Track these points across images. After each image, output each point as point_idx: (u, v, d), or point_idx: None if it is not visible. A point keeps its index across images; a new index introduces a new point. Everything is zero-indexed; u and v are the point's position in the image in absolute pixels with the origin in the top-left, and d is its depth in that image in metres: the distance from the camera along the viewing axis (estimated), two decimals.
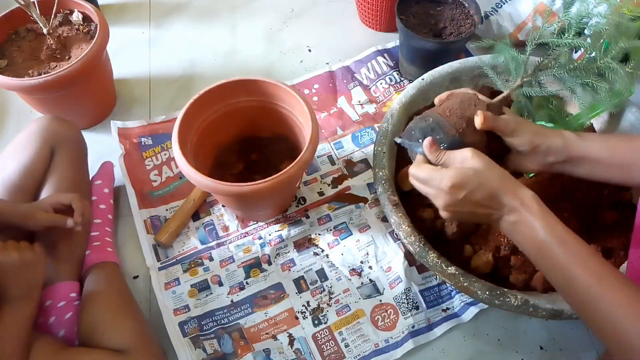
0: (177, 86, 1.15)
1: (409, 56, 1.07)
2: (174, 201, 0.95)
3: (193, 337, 0.80)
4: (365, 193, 0.96)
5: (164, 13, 1.30)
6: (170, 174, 0.99)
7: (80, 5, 1.00)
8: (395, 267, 0.86)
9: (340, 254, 0.89)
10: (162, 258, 0.89)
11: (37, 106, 0.99)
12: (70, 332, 0.74)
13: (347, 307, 0.84)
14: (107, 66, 1.05)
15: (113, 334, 0.71)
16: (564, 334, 0.82)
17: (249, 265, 0.88)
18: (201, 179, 0.72)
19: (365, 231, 0.91)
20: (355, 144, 1.03)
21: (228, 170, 0.94)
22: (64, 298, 0.75)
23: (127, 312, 0.76)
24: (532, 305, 0.66)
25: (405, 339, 0.80)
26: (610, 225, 0.78)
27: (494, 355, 0.81)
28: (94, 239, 0.85)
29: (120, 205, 0.96)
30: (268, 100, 0.87)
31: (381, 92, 1.12)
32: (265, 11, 1.30)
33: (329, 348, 0.80)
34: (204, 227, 0.92)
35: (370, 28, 1.26)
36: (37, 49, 0.96)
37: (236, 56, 1.21)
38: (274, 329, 0.82)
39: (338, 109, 1.09)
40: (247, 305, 0.84)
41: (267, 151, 0.96)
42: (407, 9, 1.06)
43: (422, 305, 0.83)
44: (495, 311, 0.83)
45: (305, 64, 1.19)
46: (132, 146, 1.01)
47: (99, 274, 0.80)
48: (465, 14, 1.06)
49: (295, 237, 0.91)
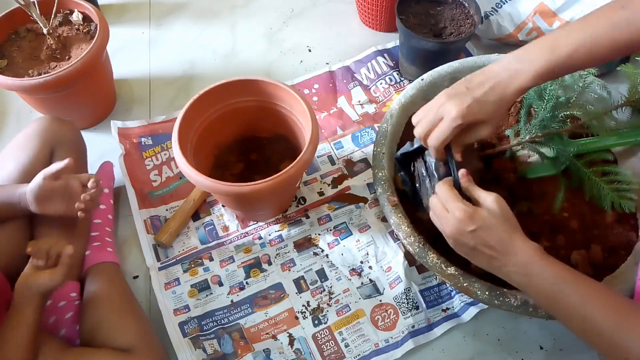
0: (177, 86, 1.15)
1: (409, 56, 1.07)
2: (174, 201, 0.95)
3: (193, 337, 0.80)
4: (365, 193, 0.96)
5: (164, 13, 1.30)
6: (170, 174, 0.99)
7: (80, 5, 1.00)
8: (395, 267, 0.86)
9: (340, 254, 0.89)
10: (162, 258, 0.89)
11: (37, 106, 0.99)
12: (71, 331, 0.74)
13: (347, 307, 0.84)
14: (107, 66, 1.05)
15: (117, 334, 0.71)
16: (564, 334, 0.82)
17: (249, 265, 0.88)
18: (201, 179, 0.72)
19: (365, 231, 0.91)
20: (355, 144, 1.03)
21: (228, 170, 0.94)
22: (64, 298, 0.75)
23: (130, 311, 0.76)
24: (532, 306, 0.66)
25: (405, 339, 0.80)
26: (611, 225, 0.78)
27: (494, 355, 0.81)
28: (94, 239, 0.85)
29: (120, 205, 0.96)
30: (268, 100, 0.87)
31: (381, 92, 1.12)
32: (265, 11, 1.30)
33: (329, 348, 0.80)
34: (204, 227, 0.92)
35: (370, 28, 1.26)
36: (37, 49, 0.96)
37: (236, 56, 1.21)
38: (274, 329, 0.82)
39: (338, 109, 1.09)
40: (247, 305, 0.84)
41: (267, 151, 0.96)
42: (407, 9, 1.06)
43: (422, 305, 0.83)
44: (495, 311, 0.83)
45: (305, 64, 1.19)
46: (132, 146, 1.01)
47: (100, 274, 0.80)
48: (465, 14, 1.06)
49: (295, 237, 0.91)
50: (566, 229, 0.77)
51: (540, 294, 0.55)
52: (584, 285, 0.53)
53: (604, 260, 0.74)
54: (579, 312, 0.52)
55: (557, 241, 0.76)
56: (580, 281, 0.53)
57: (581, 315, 0.51)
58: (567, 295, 0.52)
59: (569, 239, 0.76)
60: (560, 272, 0.54)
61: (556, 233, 0.77)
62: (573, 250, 0.75)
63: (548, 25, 1.11)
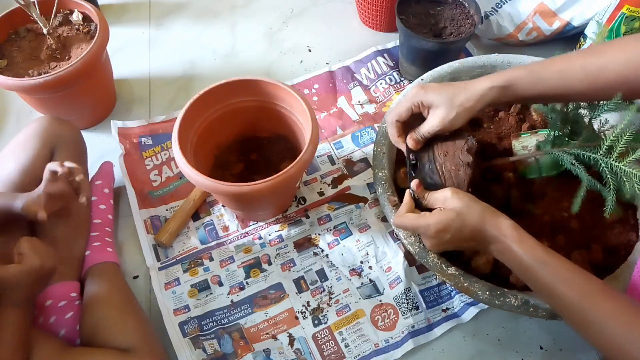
0: (177, 86, 1.15)
1: (409, 56, 1.07)
2: (174, 201, 0.95)
3: (193, 338, 0.80)
4: (365, 193, 0.96)
5: (164, 13, 1.30)
6: (170, 174, 0.99)
7: (80, 5, 1.00)
8: (395, 267, 0.86)
9: (340, 254, 0.89)
10: (162, 258, 0.89)
11: (37, 106, 0.99)
12: (71, 331, 0.74)
13: (347, 307, 0.84)
14: (107, 66, 1.05)
15: (117, 334, 0.71)
16: (564, 334, 0.82)
17: (249, 265, 0.88)
18: (201, 179, 0.72)
19: (365, 231, 0.91)
20: (355, 144, 1.03)
21: (228, 170, 0.94)
22: (64, 298, 0.75)
23: (130, 311, 0.76)
24: (532, 305, 0.66)
25: (405, 339, 0.80)
26: (610, 225, 0.78)
27: (494, 355, 0.81)
28: (94, 239, 0.85)
29: (120, 205, 0.96)
30: (268, 100, 0.87)
31: (381, 92, 1.12)
32: (265, 11, 1.30)
33: (329, 348, 0.80)
34: (204, 227, 0.92)
35: (370, 28, 1.26)
36: (37, 49, 0.96)
37: (236, 56, 1.21)
38: (274, 329, 0.82)
39: (338, 109, 1.09)
40: (247, 305, 0.84)
41: (267, 151, 0.96)
42: (407, 9, 1.06)
43: (422, 305, 0.83)
44: (495, 311, 0.83)
45: (305, 64, 1.19)
46: (132, 146, 1.01)
47: (100, 275, 0.80)
48: (465, 14, 1.06)
49: (295, 237, 0.91)
50: (566, 229, 0.77)
51: (517, 270, 0.58)
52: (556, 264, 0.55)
53: (604, 260, 0.74)
54: (550, 287, 0.55)
55: (557, 241, 0.76)
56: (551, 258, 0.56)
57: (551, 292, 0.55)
58: (540, 272, 0.55)
59: (569, 239, 0.76)
60: (532, 250, 0.56)
61: (556, 233, 0.77)
62: (573, 250, 0.75)
63: (548, 25, 1.11)
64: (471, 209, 0.59)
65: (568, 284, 0.53)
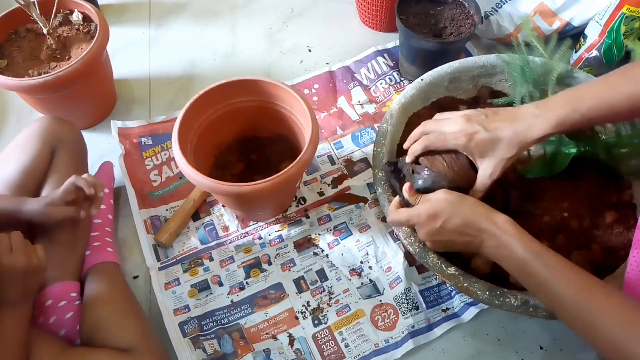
0: (177, 86, 1.15)
1: (409, 56, 1.07)
2: (174, 201, 0.95)
3: (193, 338, 0.80)
4: (365, 193, 0.96)
5: (164, 13, 1.30)
6: (170, 174, 0.99)
7: (80, 5, 1.00)
8: (395, 267, 0.86)
9: (340, 254, 0.89)
10: (162, 258, 0.89)
11: (37, 106, 0.99)
12: (71, 331, 0.74)
13: (347, 307, 0.84)
14: (107, 66, 1.05)
15: (117, 334, 0.71)
16: (564, 334, 0.82)
17: (249, 265, 0.88)
18: (201, 179, 0.72)
19: (365, 231, 0.91)
20: (355, 144, 1.03)
21: (228, 170, 0.94)
22: (64, 298, 0.75)
23: (131, 311, 0.76)
24: (532, 305, 0.66)
25: (405, 339, 0.80)
26: (610, 225, 0.78)
27: (494, 355, 0.81)
28: (94, 239, 0.85)
29: (120, 205, 0.96)
30: (268, 100, 0.87)
31: (381, 92, 1.12)
32: (265, 11, 1.30)
33: (329, 348, 0.80)
34: (204, 227, 0.92)
35: (370, 28, 1.26)
36: (37, 49, 0.96)
37: (236, 56, 1.21)
38: (274, 329, 0.82)
39: (338, 109, 1.09)
40: (247, 305, 0.84)
41: (267, 151, 0.96)
42: (407, 9, 1.06)
43: (422, 306, 0.83)
44: (495, 311, 0.83)
45: (305, 64, 1.19)
46: (132, 146, 1.01)
47: (100, 274, 0.80)
48: (465, 14, 1.06)
49: (295, 237, 0.91)
50: (566, 229, 0.77)
51: (511, 265, 0.57)
52: (552, 260, 0.55)
53: (603, 260, 0.74)
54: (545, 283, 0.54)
55: (557, 241, 0.76)
56: (546, 253, 0.55)
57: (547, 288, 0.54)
58: (535, 267, 0.55)
59: (569, 239, 0.76)
60: (529, 245, 0.56)
61: (556, 233, 0.77)
62: (573, 250, 0.75)
63: (548, 25, 1.11)
64: (463, 201, 0.61)
65: (564, 279, 0.53)
